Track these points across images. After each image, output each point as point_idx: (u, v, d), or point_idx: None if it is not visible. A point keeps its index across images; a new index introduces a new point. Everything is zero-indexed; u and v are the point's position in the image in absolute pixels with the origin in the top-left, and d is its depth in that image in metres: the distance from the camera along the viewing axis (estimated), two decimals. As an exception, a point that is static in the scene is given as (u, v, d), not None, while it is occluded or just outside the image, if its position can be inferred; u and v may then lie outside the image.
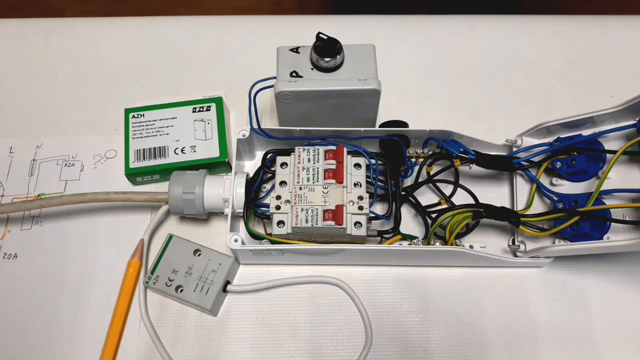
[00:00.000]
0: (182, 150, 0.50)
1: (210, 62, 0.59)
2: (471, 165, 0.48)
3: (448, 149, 0.47)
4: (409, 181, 0.49)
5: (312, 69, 0.44)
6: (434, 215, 0.46)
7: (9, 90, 0.57)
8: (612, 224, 0.42)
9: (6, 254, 0.49)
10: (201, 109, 0.52)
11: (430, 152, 0.48)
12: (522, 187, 0.49)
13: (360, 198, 0.43)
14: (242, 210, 0.45)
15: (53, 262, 0.48)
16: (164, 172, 0.50)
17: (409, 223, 0.49)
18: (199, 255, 0.46)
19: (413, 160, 0.49)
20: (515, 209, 0.48)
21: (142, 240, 0.30)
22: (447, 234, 0.44)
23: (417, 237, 0.45)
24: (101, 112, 0.55)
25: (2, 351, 0.45)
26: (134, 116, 0.51)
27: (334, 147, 0.45)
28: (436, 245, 0.45)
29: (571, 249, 0.43)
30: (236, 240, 0.43)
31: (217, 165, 0.50)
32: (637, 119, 0.43)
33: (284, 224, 0.43)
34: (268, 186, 0.49)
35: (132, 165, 0.49)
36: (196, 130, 0.51)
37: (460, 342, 0.45)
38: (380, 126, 0.48)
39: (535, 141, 0.49)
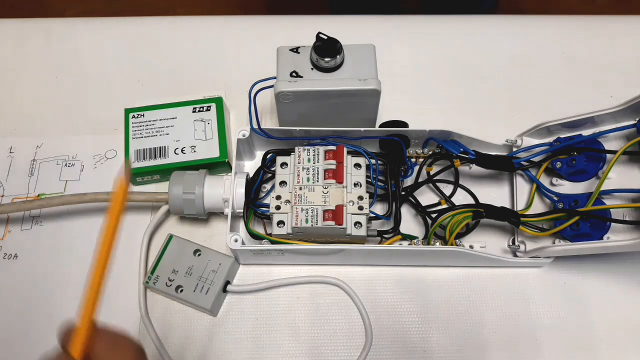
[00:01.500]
0: (182, 150, 0.50)
1: (210, 62, 0.59)
2: (471, 165, 0.48)
3: (448, 149, 0.47)
4: (409, 181, 0.49)
5: (312, 69, 0.44)
6: (434, 215, 0.46)
7: (9, 90, 0.57)
8: (612, 224, 0.42)
9: (6, 254, 0.49)
10: (201, 109, 0.52)
11: (430, 152, 0.48)
12: (522, 187, 0.49)
13: (360, 198, 0.43)
14: (242, 210, 0.45)
15: (53, 262, 0.48)
16: (164, 172, 0.50)
17: (409, 223, 0.49)
18: (199, 255, 0.46)
19: (413, 160, 0.49)
20: (515, 209, 0.48)
21: (128, 163, 0.30)
22: (447, 234, 0.44)
23: (417, 237, 0.45)
24: (101, 112, 0.55)
25: (2, 351, 0.45)
26: (134, 116, 0.51)
27: (334, 147, 0.45)
28: (436, 245, 0.45)
29: (571, 249, 0.43)
30: (236, 240, 0.43)
31: (217, 165, 0.50)
32: (637, 119, 0.43)
33: (284, 224, 0.43)
34: (268, 186, 0.49)
35: (132, 165, 0.49)
36: (196, 130, 0.51)
37: (460, 342, 0.45)
38: (380, 126, 0.48)
39: (535, 141, 0.49)
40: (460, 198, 0.49)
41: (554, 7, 1.31)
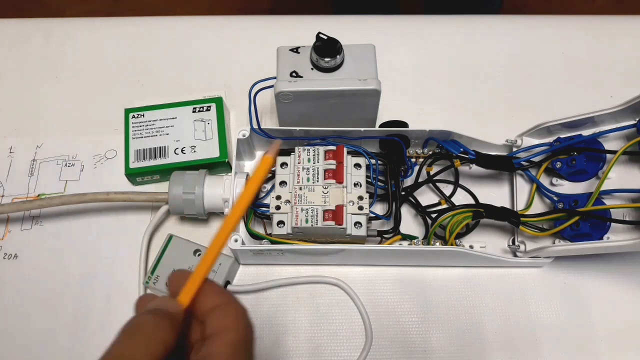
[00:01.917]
0: (182, 150, 0.50)
1: (210, 62, 0.59)
2: (471, 165, 0.48)
3: (448, 149, 0.47)
4: (409, 181, 0.49)
5: (312, 69, 0.44)
6: (434, 215, 0.46)
7: (9, 90, 0.57)
8: (612, 224, 0.42)
9: (6, 254, 0.49)
10: (201, 109, 0.52)
11: (430, 152, 0.48)
12: (522, 187, 0.49)
13: (360, 198, 0.43)
14: (242, 210, 0.45)
15: (53, 262, 0.48)
16: (164, 172, 0.50)
17: (409, 223, 0.49)
18: (199, 255, 0.46)
19: (413, 160, 0.49)
20: (515, 209, 0.48)
21: (279, 141, 0.31)
22: (447, 234, 0.44)
23: (417, 237, 0.45)
24: (101, 112, 0.55)
25: (2, 351, 0.45)
26: (134, 116, 0.51)
27: (334, 147, 0.45)
28: (436, 245, 0.45)
29: (571, 249, 0.43)
30: (236, 240, 0.43)
31: (217, 165, 0.50)
32: (637, 119, 0.43)
33: (284, 224, 0.43)
34: (268, 186, 0.49)
35: (132, 165, 0.49)
36: (196, 130, 0.51)
37: (460, 342, 0.45)
38: (380, 126, 0.48)
39: (535, 141, 0.49)
40: (460, 198, 0.49)
41: (554, 7, 1.31)
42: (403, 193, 0.47)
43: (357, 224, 0.43)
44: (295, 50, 0.45)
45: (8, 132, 0.55)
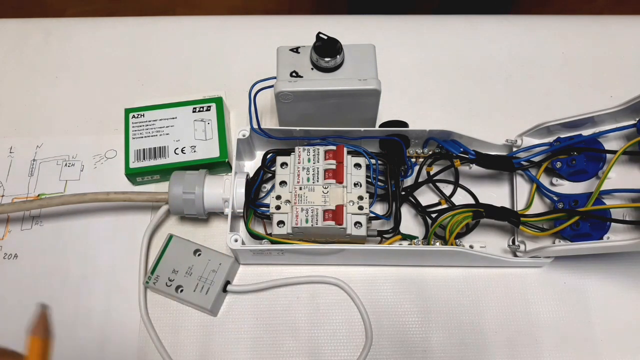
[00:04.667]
0: (182, 150, 0.50)
1: (210, 62, 0.59)
2: (471, 165, 0.48)
3: (448, 149, 0.47)
4: (409, 181, 0.49)
5: (312, 69, 0.44)
6: (434, 215, 0.46)
7: (9, 90, 0.57)
8: (612, 224, 0.42)
9: (6, 254, 0.49)
10: (201, 109, 0.52)
11: (430, 152, 0.48)
12: (522, 187, 0.49)
13: (360, 198, 0.43)
14: (242, 210, 0.45)
15: (53, 262, 0.48)
16: (164, 172, 0.50)
17: (409, 223, 0.49)
18: (199, 255, 0.46)
19: (413, 160, 0.49)
20: (515, 209, 0.48)
21: (43, 307, 0.25)
22: (447, 234, 0.44)
23: (417, 237, 0.45)
24: (101, 112, 0.55)
25: (2, 351, 0.45)
26: (134, 116, 0.51)
27: (334, 147, 0.45)
28: (436, 245, 0.45)
29: (571, 249, 0.43)
30: (236, 240, 0.43)
31: (217, 165, 0.50)
32: (637, 119, 0.43)
33: (284, 224, 0.43)
34: (268, 186, 0.49)
35: (132, 165, 0.49)
36: (196, 130, 0.51)
37: (460, 342, 0.45)
38: (380, 126, 0.48)
39: (535, 141, 0.49)
40: (460, 198, 0.49)
41: (554, 7, 1.31)
42: (403, 193, 0.47)
43: (357, 224, 0.43)
44: (295, 50, 0.45)
45: (8, 132, 0.55)
